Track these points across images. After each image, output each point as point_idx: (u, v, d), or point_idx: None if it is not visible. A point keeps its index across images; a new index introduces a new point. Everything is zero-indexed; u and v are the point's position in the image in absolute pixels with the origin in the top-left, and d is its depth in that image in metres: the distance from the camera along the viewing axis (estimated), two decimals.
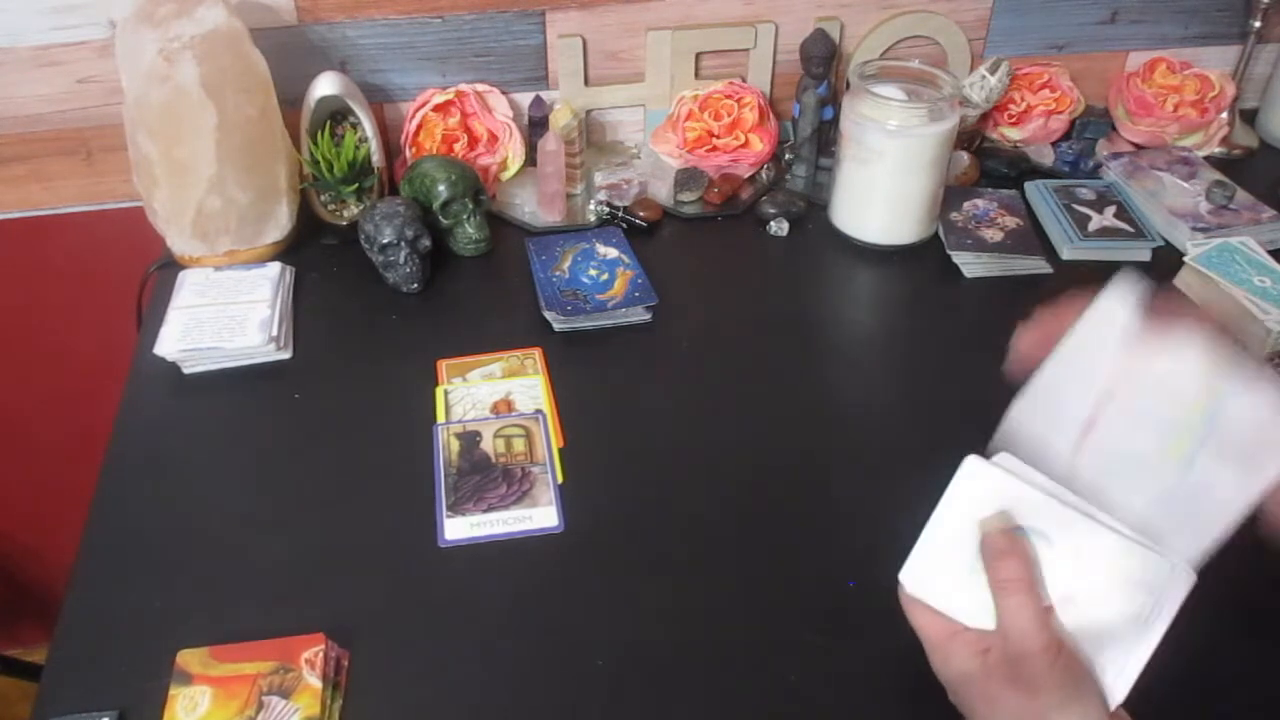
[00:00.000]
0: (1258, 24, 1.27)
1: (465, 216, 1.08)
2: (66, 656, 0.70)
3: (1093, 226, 1.11)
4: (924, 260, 1.10)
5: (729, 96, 1.21)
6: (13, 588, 1.60)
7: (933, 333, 1.02)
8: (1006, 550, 0.53)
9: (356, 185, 1.11)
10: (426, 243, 1.03)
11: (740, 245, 1.14)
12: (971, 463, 0.56)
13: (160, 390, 0.93)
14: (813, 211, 1.17)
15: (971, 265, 1.08)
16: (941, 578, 0.57)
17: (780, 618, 0.72)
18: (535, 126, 1.20)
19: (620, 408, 0.90)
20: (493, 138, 1.19)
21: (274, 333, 0.95)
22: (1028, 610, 0.51)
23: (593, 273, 1.04)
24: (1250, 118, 1.34)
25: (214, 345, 0.93)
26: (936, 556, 0.57)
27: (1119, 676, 0.52)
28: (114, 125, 1.11)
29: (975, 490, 0.56)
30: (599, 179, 1.17)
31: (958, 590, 0.56)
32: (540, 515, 0.80)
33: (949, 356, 0.97)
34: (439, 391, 0.92)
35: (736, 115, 1.21)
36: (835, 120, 1.16)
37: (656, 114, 1.26)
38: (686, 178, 1.18)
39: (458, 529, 0.78)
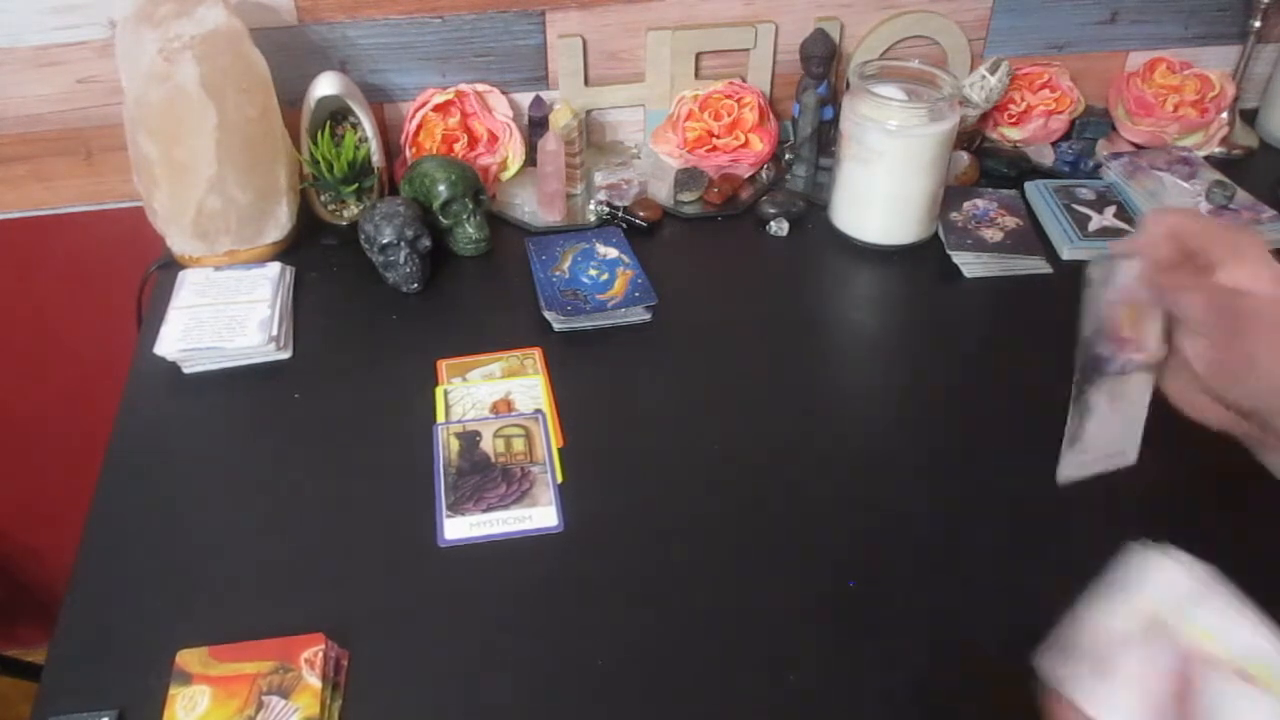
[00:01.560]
0: (1258, 24, 1.27)
1: (465, 216, 1.08)
2: (66, 656, 0.70)
3: (1093, 226, 1.11)
4: (924, 260, 1.10)
5: (729, 96, 1.21)
6: (13, 588, 1.60)
7: (933, 333, 1.02)
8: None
9: (356, 185, 1.11)
10: (426, 243, 1.03)
11: (740, 245, 1.14)
12: (1158, 563, 0.46)
13: (160, 390, 0.93)
14: (813, 211, 1.17)
15: (971, 265, 1.08)
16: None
17: (780, 617, 0.72)
18: (535, 126, 1.20)
19: (620, 408, 0.90)
20: (493, 138, 1.19)
21: (274, 332, 0.95)
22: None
23: (593, 273, 1.04)
24: (1250, 118, 1.34)
25: (214, 345, 0.93)
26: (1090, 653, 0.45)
27: None
28: (114, 125, 1.11)
29: (1158, 595, 0.45)
30: (599, 179, 1.17)
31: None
32: (540, 515, 0.80)
33: (949, 356, 0.97)
34: (439, 391, 0.92)
35: (736, 115, 1.21)
36: (835, 120, 1.16)
37: (656, 114, 1.26)
38: (686, 178, 1.18)
39: (457, 529, 0.78)
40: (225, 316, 0.97)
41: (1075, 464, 0.57)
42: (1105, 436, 0.56)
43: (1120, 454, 0.57)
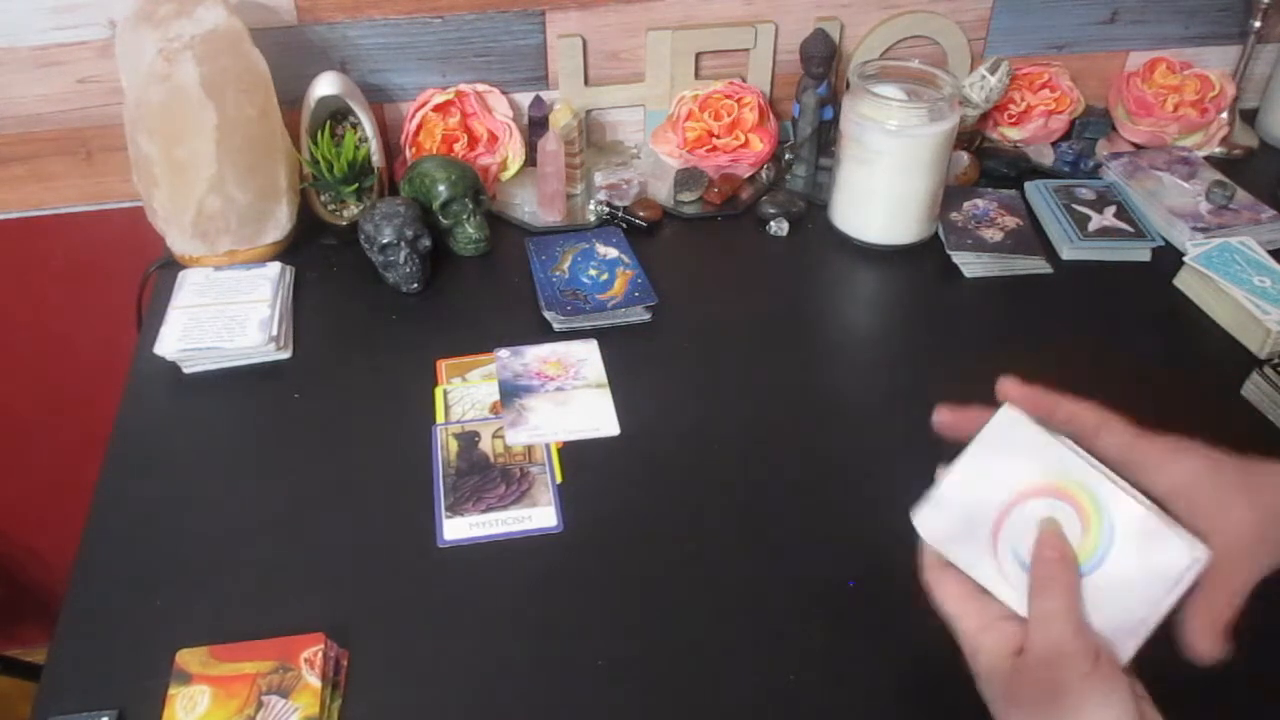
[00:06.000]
0: (1258, 24, 1.27)
1: (465, 216, 1.08)
2: (66, 656, 0.70)
3: (1093, 226, 1.11)
4: (924, 260, 1.10)
5: (729, 96, 1.21)
6: (13, 588, 1.60)
7: (933, 333, 1.02)
8: (1060, 558, 0.52)
9: (356, 185, 1.11)
10: (426, 243, 1.03)
11: (740, 245, 1.14)
12: (1008, 413, 0.55)
13: (160, 390, 0.93)
14: (813, 211, 1.17)
15: (971, 265, 1.08)
16: (952, 525, 0.55)
17: (780, 617, 0.72)
18: (535, 126, 1.20)
19: (619, 407, 0.90)
20: (493, 138, 1.19)
21: (274, 332, 0.95)
22: (1065, 616, 0.50)
23: (593, 273, 1.04)
24: (1250, 118, 1.34)
25: (214, 345, 0.94)
26: (957, 504, 0.56)
27: (1118, 651, 0.52)
28: (114, 125, 1.11)
29: (1007, 441, 0.55)
30: (599, 179, 1.17)
31: (967, 543, 0.55)
32: (539, 515, 0.80)
33: (949, 356, 0.97)
34: (438, 391, 0.92)
35: (736, 115, 1.21)
36: (835, 120, 1.16)
37: (656, 114, 1.26)
38: (686, 178, 1.18)
39: (457, 529, 0.79)
40: (225, 316, 0.97)
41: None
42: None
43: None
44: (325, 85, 1.10)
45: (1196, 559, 0.50)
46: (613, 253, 1.07)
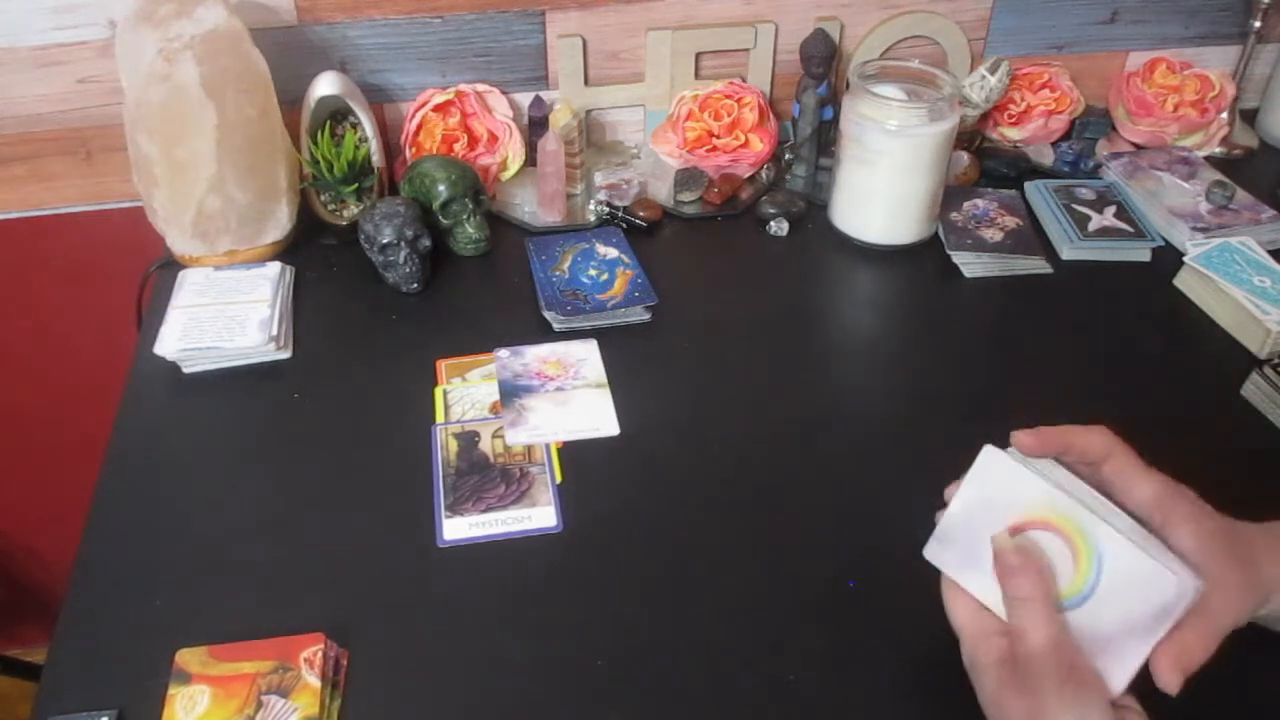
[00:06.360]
0: (1258, 24, 1.27)
1: (465, 216, 1.08)
2: (66, 656, 0.70)
3: (1093, 226, 1.11)
4: (924, 260, 1.10)
5: (729, 96, 1.21)
6: (13, 588, 1.60)
7: (933, 333, 1.02)
8: (1019, 567, 0.54)
9: (356, 185, 1.11)
10: (426, 243, 1.03)
11: (740, 245, 1.14)
12: (989, 452, 0.58)
13: (160, 390, 0.93)
14: (813, 211, 1.17)
15: (971, 265, 1.08)
16: (958, 555, 0.59)
17: (780, 617, 0.72)
18: (535, 126, 1.20)
19: (619, 407, 0.90)
20: (493, 138, 1.19)
21: (274, 332, 0.95)
22: (1042, 629, 0.52)
23: (593, 273, 1.04)
24: (1250, 118, 1.34)
25: (214, 345, 0.94)
26: (957, 538, 0.59)
27: (1112, 680, 0.52)
28: (114, 125, 1.11)
29: (991, 478, 0.58)
30: (599, 179, 1.17)
31: (972, 569, 0.58)
32: (539, 515, 0.80)
33: (949, 356, 0.97)
34: (438, 391, 0.92)
35: (736, 115, 1.21)
36: (835, 120, 1.16)
37: (656, 114, 1.26)
38: (686, 178, 1.18)
39: (457, 529, 0.79)
40: (225, 316, 0.97)
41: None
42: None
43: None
44: (325, 85, 1.10)
45: (1185, 590, 0.50)
46: (613, 253, 1.07)
